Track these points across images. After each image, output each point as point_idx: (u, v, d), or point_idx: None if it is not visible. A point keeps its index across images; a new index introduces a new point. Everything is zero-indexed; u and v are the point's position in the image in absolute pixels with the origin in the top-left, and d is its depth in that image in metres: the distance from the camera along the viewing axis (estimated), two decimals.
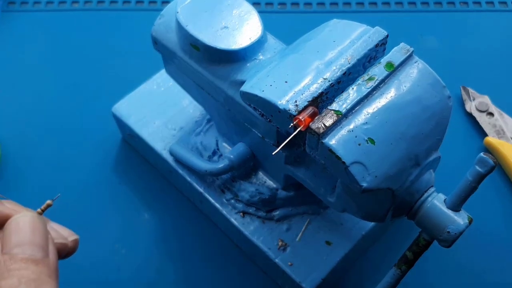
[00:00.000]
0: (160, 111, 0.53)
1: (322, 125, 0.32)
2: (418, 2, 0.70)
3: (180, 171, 0.50)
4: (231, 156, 0.45)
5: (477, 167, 0.33)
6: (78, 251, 0.52)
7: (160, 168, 0.54)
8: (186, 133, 0.52)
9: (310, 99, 0.33)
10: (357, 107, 0.33)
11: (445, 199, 0.35)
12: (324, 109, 0.33)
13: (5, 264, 0.26)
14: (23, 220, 0.28)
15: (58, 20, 0.69)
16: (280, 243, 0.45)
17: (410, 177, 0.34)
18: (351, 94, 0.33)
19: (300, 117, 0.32)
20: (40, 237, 0.28)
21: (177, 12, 0.40)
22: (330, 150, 0.32)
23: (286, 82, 0.34)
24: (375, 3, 0.70)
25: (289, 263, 0.44)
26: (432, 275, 0.49)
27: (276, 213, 0.47)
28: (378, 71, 0.34)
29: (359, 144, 0.32)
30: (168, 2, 0.47)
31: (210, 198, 0.48)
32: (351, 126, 0.32)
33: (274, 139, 0.39)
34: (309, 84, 0.34)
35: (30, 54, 0.65)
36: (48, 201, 0.31)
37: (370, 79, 0.34)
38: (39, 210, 0.30)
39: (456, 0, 0.70)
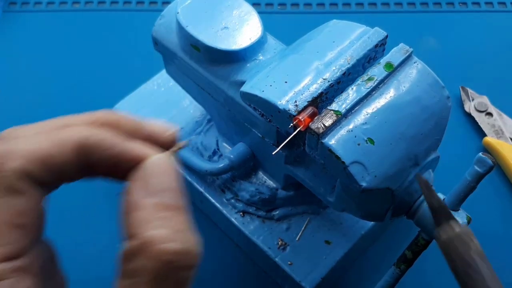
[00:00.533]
0: (161, 111, 0.54)
1: (322, 125, 0.32)
2: (417, 2, 0.70)
3: (181, 171, 0.50)
4: (231, 156, 0.45)
5: (476, 167, 0.34)
6: (79, 251, 0.53)
7: None
8: (186, 133, 0.52)
9: (309, 99, 0.33)
10: (357, 107, 0.33)
11: (444, 199, 0.36)
12: (324, 109, 0.33)
13: (152, 212, 0.24)
14: (164, 163, 0.26)
15: (59, 20, 0.69)
16: (280, 243, 0.46)
17: (409, 177, 0.34)
18: (351, 94, 0.33)
19: (300, 117, 0.32)
20: (179, 183, 0.26)
21: (177, 13, 0.40)
22: (329, 150, 0.32)
23: (286, 82, 0.34)
24: (374, 4, 0.70)
25: (289, 262, 0.45)
26: (431, 274, 0.49)
27: (276, 212, 0.47)
28: (377, 71, 0.34)
29: (359, 144, 0.32)
30: (168, 3, 0.48)
31: (210, 198, 0.48)
32: (351, 126, 0.32)
33: (274, 139, 0.40)
34: (309, 84, 0.34)
35: (31, 55, 0.66)
36: (183, 142, 0.29)
37: (370, 79, 0.34)
38: (172, 150, 0.28)
39: (455, 0, 0.70)
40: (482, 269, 0.25)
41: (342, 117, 0.33)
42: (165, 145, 0.28)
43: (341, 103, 0.33)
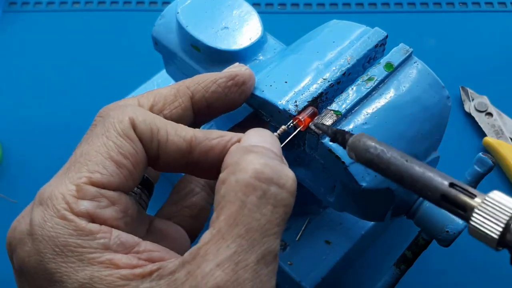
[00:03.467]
0: None
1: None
2: (417, 2, 0.70)
3: None
4: None
5: (476, 167, 0.34)
6: None
7: None
8: None
9: (310, 99, 0.33)
10: (357, 107, 0.33)
11: None
12: (324, 109, 0.33)
13: (239, 152, 0.26)
14: (265, 130, 0.28)
15: (59, 20, 0.69)
16: (280, 243, 0.46)
17: None
18: (351, 95, 0.33)
19: (300, 117, 0.32)
20: (278, 149, 0.27)
21: (178, 13, 0.40)
22: (329, 150, 0.32)
23: (286, 82, 0.34)
24: (374, 4, 0.70)
25: (289, 263, 0.45)
26: (431, 274, 0.49)
27: None
28: (377, 71, 0.34)
29: None
30: (168, 3, 0.48)
31: None
32: (351, 126, 0.32)
33: None
34: (309, 85, 0.34)
35: (31, 54, 0.66)
36: (284, 127, 0.32)
37: (370, 79, 0.34)
38: (275, 134, 0.31)
39: (455, 0, 0.70)
40: (388, 149, 0.27)
41: (342, 117, 0.33)
42: None
43: (341, 103, 0.33)
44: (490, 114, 0.58)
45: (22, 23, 0.68)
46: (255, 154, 0.25)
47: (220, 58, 0.39)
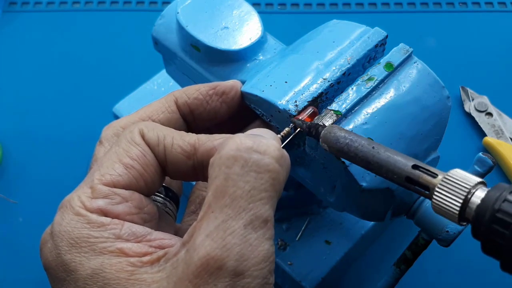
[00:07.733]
0: None
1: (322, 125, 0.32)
2: (417, 2, 0.70)
3: None
4: None
5: (476, 167, 0.34)
6: None
7: None
8: None
9: (310, 99, 0.33)
10: (357, 107, 0.33)
11: None
12: (324, 109, 0.33)
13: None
14: (266, 129, 0.29)
15: (59, 20, 0.69)
16: (280, 243, 0.46)
17: None
18: (351, 94, 0.33)
19: (300, 117, 0.32)
20: (279, 147, 0.28)
21: (178, 13, 0.40)
22: None
23: (286, 82, 0.34)
24: (374, 4, 0.70)
25: (289, 263, 0.45)
26: (431, 274, 0.49)
27: (276, 213, 0.47)
28: (377, 71, 0.34)
29: None
30: (168, 3, 0.48)
31: None
32: (351, 126, 0.32)
33: None
34: (309, 84, 0.34)
35: (31, 54, 0.66)
36: (287, 129, 0.32)
37: (370, 79, 0.34)
38: (279, 136, 0.31)
39: (455, 0, 0.70)
40: (357, 137, 0.29)
41: (342, 117, 0.33)
42: None
43: (341, 103, 0.33)
44: (490, 114, 0.58)
45: (22, 23, 0.68)
46: (241, 135, 0.27)
47: (220, 58, 0.39)
